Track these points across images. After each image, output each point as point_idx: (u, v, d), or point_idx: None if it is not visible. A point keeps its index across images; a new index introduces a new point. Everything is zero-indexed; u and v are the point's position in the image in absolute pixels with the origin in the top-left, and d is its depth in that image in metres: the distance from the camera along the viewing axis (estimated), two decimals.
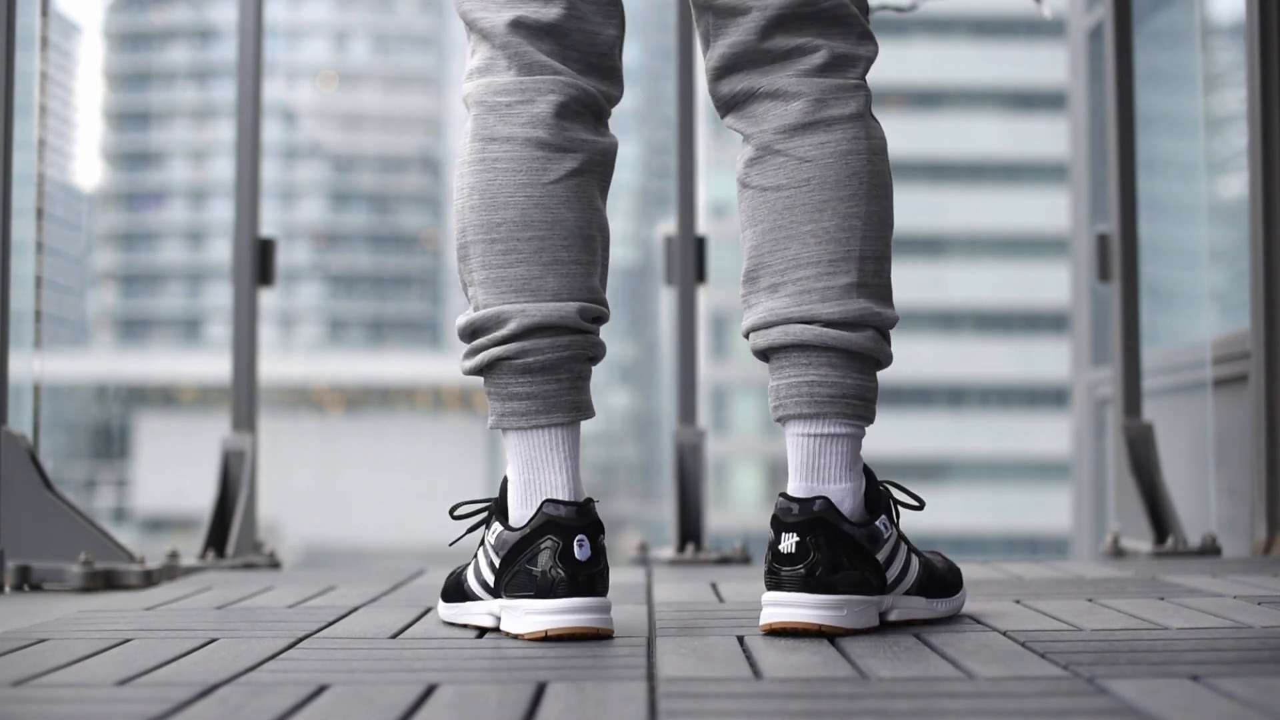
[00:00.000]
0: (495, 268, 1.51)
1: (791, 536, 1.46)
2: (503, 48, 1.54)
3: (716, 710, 1.08)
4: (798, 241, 1.52)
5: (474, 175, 1.53)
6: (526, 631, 1.45)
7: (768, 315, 1.53)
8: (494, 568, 1.52)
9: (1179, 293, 4.27)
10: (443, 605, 1.63)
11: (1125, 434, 2.90)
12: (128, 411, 42.86)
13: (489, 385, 1.53)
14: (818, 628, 1.45)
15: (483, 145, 1.53)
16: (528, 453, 1.51)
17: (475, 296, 1.53)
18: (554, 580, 1.44)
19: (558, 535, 1.45)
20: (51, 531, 2.27)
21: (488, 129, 1.53)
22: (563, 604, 1.44)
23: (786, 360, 1.52)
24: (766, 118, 1.55)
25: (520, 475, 1.52)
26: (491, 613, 1.54)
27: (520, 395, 1.51)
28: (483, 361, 1.52)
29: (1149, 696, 1.10)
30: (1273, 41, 2.77)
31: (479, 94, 1.56)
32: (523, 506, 1.51)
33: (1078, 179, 5.09)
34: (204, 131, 54.19)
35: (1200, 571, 2.15)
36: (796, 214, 1.52)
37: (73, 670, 1.31)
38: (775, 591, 1.47)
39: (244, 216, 2.88)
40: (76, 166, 50.33)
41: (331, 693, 1.17)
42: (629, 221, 52.83)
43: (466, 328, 1.54)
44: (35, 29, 2.56)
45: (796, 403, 1.51)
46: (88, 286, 49.98)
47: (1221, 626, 1.51)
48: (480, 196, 1.52)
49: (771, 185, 1.54)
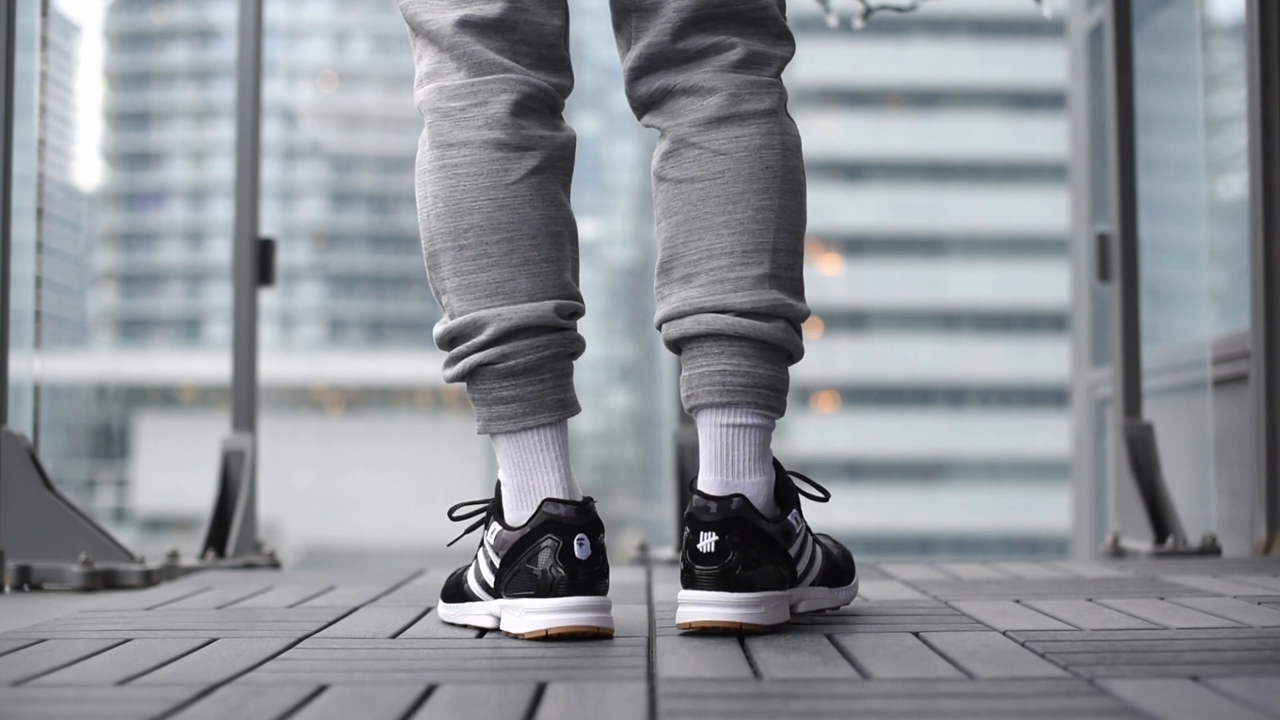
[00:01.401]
0: (467, 274, 1.50)
1: (710, 535, 1.46)
2: (450, 49, 1.53)
3: (716, 710, 1.08)
4: (711, 232, 1.52)
5: (436, 183, 1.52)
6: (527, 631, 1.45)
7: (681, 305, 1.53)
8: (494, 568, 1.52)
9: (1179, 293, 4.27)
10: (443, 606, 1.64)
11: (1125, 434, 2.90)
12: (128, 411, 42.82)
13: (473, 392, 1.52)
14: (738, 626, 1.45)
15: (441, 152, 1.52)
16: (519, 455, 1.51)
17: (450, 304, 1.52)
18: (554, 579, 1.44)
19: (558, 534, 1.45)
20: (51, 531, 2.27)
21: (444, 135, 1.52)
22: (563, 603, 1.44)
23: (699, 350, 1.52)
24: (683, 112, 1.55)
25: (513, 478, 1.52)
26: (491, 613, 1.54)
27: (506, 399, 1.50)
28: (464, 369, 1.51)
29: (1149, 697, 1.10)
30: (1273, 41, 2.77)
31: (432, 100, 1.54)
32: (519, 508, 1.50)
33: (1078, 179, 5.09)
34: (204, 131, 54.16)
35: (1200, 571, 2.15)
36: (710, 205, 1.52)
37: (73, 670, 1.31)
38: (692, 590, 1.47)
39: (244, 216, 2.88)
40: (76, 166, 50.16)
41: (331, 693, 1.17)
42: (629, 221, 52.79)
43: (444, 336, 1.53)
44: (35, 29, 2.56)
45: (709, 391, 1.51)
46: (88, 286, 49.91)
47: (1221, 626, 1.51)
48: (444, 204, 1.51)
49: (686, 178, 1.54)
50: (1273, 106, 2.76)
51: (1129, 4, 3.05)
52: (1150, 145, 3.60)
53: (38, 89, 2.57)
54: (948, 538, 32.75)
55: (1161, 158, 4.20)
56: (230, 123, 3.07)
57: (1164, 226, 4.15)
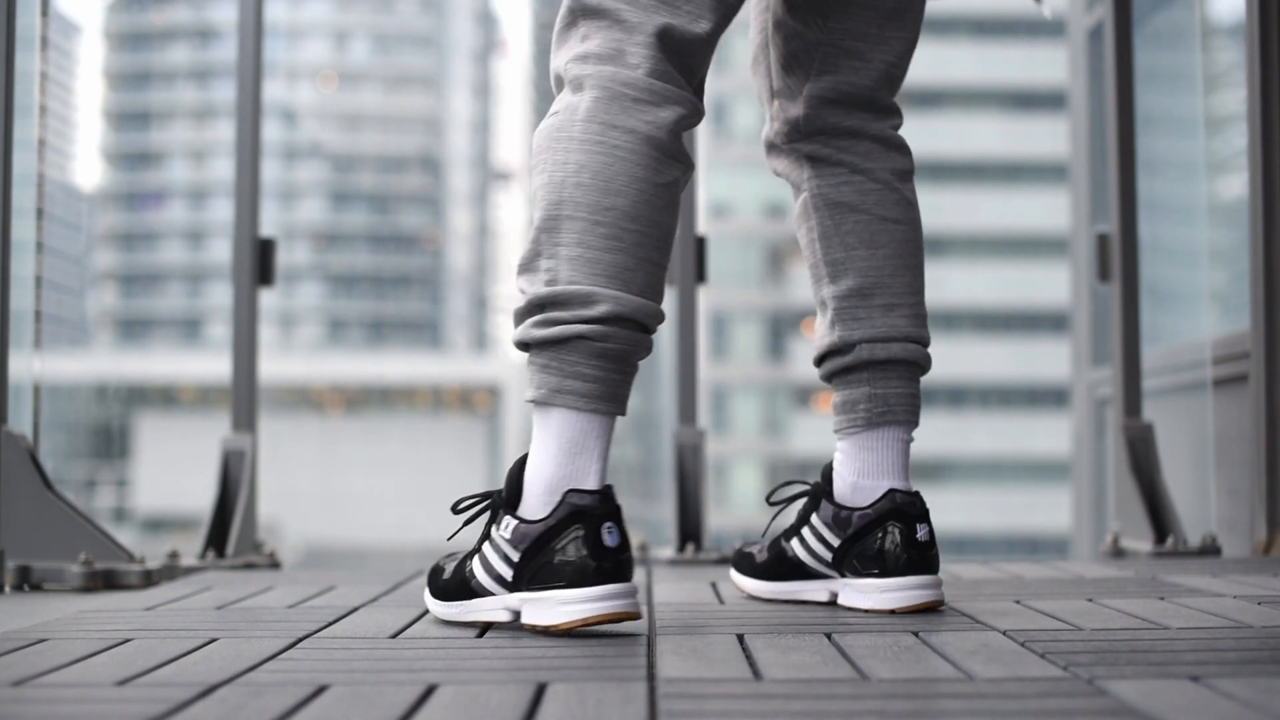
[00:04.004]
0: (592, 248, 1.52)
1: (925, 526, 1.69)
2: (642, 45, 1.57)
3: (716, 710, 1.08)
4: (912, 272, 1.78)
5: (586, 154, 1.54)
6: (561, 623, 1.47)
7: (888, 330, 1.75)
8: (511, 561, 1.52)
9: (1179, 293, 4.27)
10: (440, 604, 1.62)
11: (1125, 434, 2.90)
12: (128, 411, 42.87)
13: (551, 358, 1.52)
14: (942, 604, 1.69)
15: (603, 128, 1.54)
16: (573, 434, 1.51)
17: (556, 269, 1.52)
18: (587, 569, 1.46)
19: (584, 524, 1.47)
20: (51, 531, 2.27)
21: (611, 115, 1.55)
22: (597, 591, 1.46)
23: (894, 373, 1.75)
24: (872, 156, 1.79)
25: (555, 456, 1.51)
26: (508, 607, 1.54)
27: (587, 377, 1.51)
28: (561, 334, 1.51)
29: (1149, 697, 1.10)
30: (1273, 41, 2.77)
31: (603, 79, 1.56)
32: (549, 493, 1.50)
33: (1078, 179, 5.09)
34: (204, 131, 54.20)
35: (1200, 571, 2.15)
36: (910, 248, 1.78)
37: (73, 670, 1.31)
38: (916, 575, 1.67)
39: (244, 216, 2.88)
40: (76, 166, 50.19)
41: (331, 693, 1.17)
42: None
43: (546, 298, 1.52)
44: (35, 29, 2.56)
45: (906, 411, 1.75)
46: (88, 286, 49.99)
47: (1221, 626, 1.51)
48: (592, 176, 1.53)
49: (892, 217, 1.77)
50: (1273, 106, 2.76)
51: (1129, 4, 3.05)
52: (1150, 145, 3.60)
53: (38, 89, 2.57)
54: (948, 538, 32.70)
55: (1161, 158, 4.20)
56: (230, 123, 3.07)
57: (1164, 226, 4.15)
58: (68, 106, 42.30)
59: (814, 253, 1.81)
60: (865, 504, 1.72)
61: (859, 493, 1.74)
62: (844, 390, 1.77)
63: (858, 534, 1.70)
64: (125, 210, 54.72)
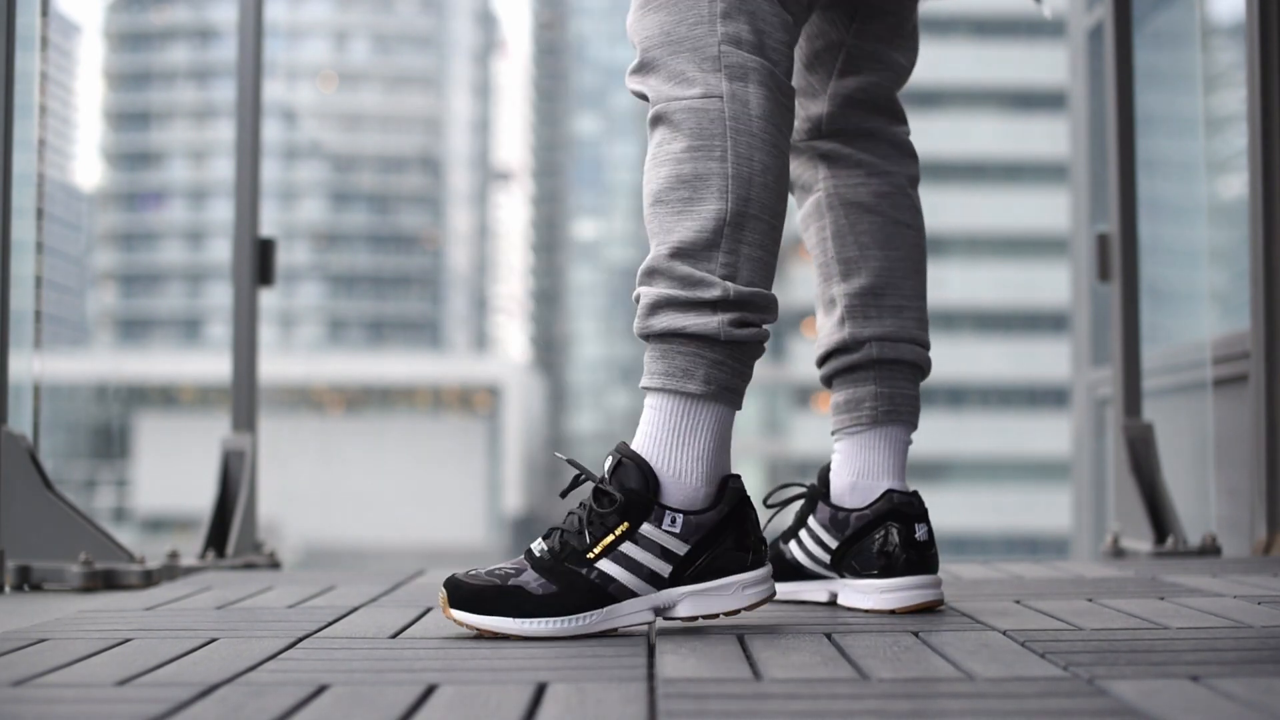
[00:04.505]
0: (769, 252, 1.55)
1: (924, 525, 1.69)
2: (777, 42, 1.58)
3: (716, 710, 1.08)
4: (920, 276, 1.80)
5: (768, 156, 1.55)
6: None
7: (897, 330, 1.77)
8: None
9: (1179, 293, 4.27)
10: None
11: (1125, 434, 2.90)
12: (128, 411, 42.87)
13: (729, 356, 1.52)
14: (943, 603, 1.70)
15: (777, 133, 1.56)
16: (724, 431, 1.54)
17: (740, 269, 1.52)
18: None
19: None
20: (51, 531, 2.27)
21: (778, 118, 1.57)
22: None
23: (900, 373, 1.77)
24: (891, 159, 1.81)
25: (714, 450, 1.53)
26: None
27: (745, 378, 1.55)
28: (753, 336, 1.53)
29: (1149, 697, 1.10)
30: (1273, 41, 2.77)
31: (764, 74, 1.56)
32: (708, 485, 1.52)
33: (1078, 179, 5.09)
34: (204, 131, 54.18)
35: (1200, 571, 2.15)
36: (919, 253, 1.81)
37: (73, 670, 1.31)
38: (916, 575, 1.67)
39: (244, 216, 2.88)
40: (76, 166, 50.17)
41: (331, 693, 1.17)
42: (629, 221, 52.78)
43: (746, 298, 1.52)
44: (35, 29, 2.56)
45: (909, 412, 1.77)
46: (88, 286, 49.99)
47: (1221, 626, 1.51)
48: (776, 180, 1.55)
49: (905, 221, 1.80)
50: (1273, 106, 2.76)
51: (1129, 4, 3.05)
52: (1150, 145, 3.60)
53: (38, 89, 2.57)
54: (947, 538, 32.72)
55: (1161, 158, 4.20)
56: (230, 123, 3.06)
57: (1164, 226, 4.15)
58: (68, 106, 42.32)
59: (825, 251, 1.81)
60: (863, 505, 1.72)
61: (857, 493, 1.73)
62: (848, 389, 1.77)
63: (856, 535, 1.70)
64: (125, 210, 54.72)
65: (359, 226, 55.53)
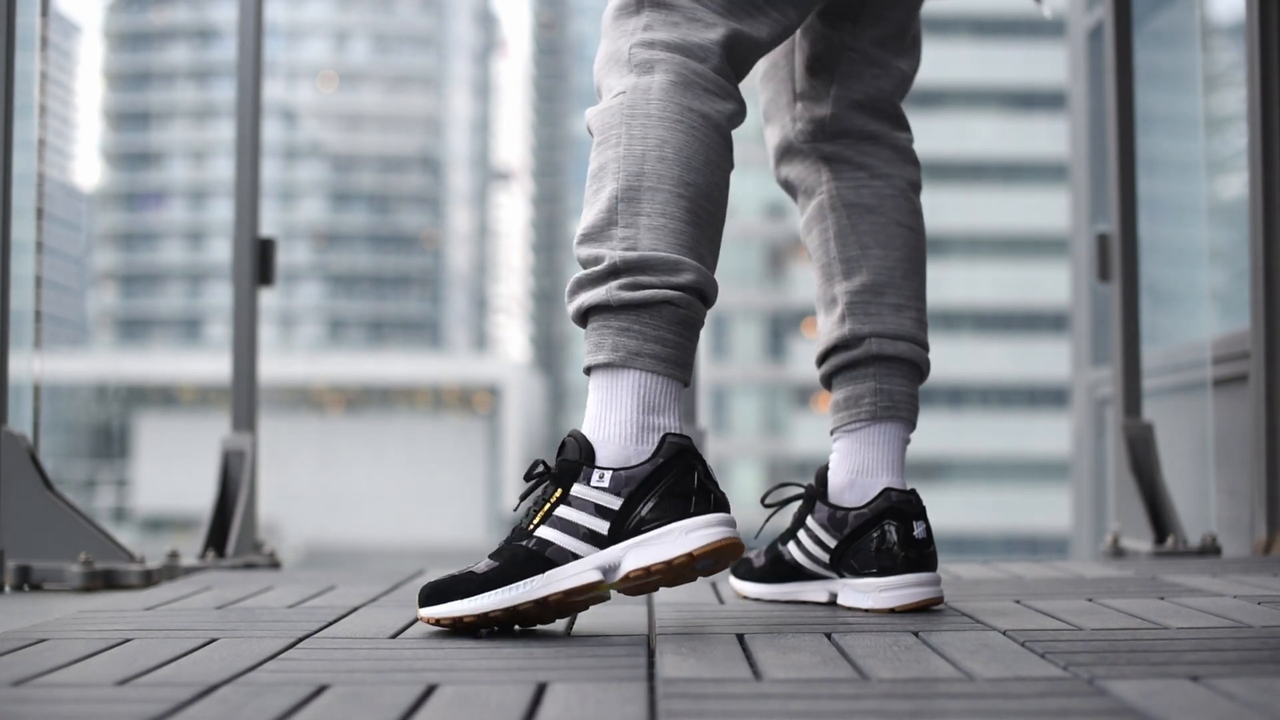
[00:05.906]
0: (674, 218, 1.54)
1: (922, 523, 1.69)
2: (710, 43, 1.60)
3: (716, 710, 1.08)
4: (920, 278, 1.83)
5: (667, 130, 1.56)
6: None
7: (896, 329, 1.79)
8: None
9: (1179, 293, 4.27)
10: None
11: (1125, 434, 2.90)
12: (128, 411, 42.89)
13: (633, 321, 1.52)
14: (942, 600, 1.69)
15: (681, 110, 1.57)
16: (648, 396, 1.53)
17: (634, 237, 1.53)
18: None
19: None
20: (51, 531, 2.27)
21: (686, 99, 1.58)
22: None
23: (899, 371, 1.78)
24: (893, 164, 1.84)
25: (633, 415, 1.52)
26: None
27: (668, 342, 1.53)
28: (649, 298, 1.52)
29: (1149, 697, 1.10)
30: (1273, 41, 2.77)
31: (675, 64, 1.59)
32: (639, 444, 1.51)
33: (1078, 179, 5.09)
34: (204, 131, 54.19)
35: (1200, 571, 2.15)
36: (919, 255, 1.83)
37: (73, 670, 1.31)
38: (915, 573, 1.67)
39: (244, 216, 2.88)
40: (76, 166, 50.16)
41: (331, 693, 1.17)
42: None
43: (633, 262, 1.52)
44: (35, 29, 2.56)
45: (908, 409, 1.78)
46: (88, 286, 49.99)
47: (1221, 626, 1.51)
48: (674, 152, 1.56)
49: (905, 223, 1.82)
50: (1273, 106, 2.76)
51: (1129, 4, 3.05)
52: (1150, 145, 3.60)
53: (38, 89, 2.57)
54: (948, 537, 32.75)
55: (1161, 158, 4.20)
56: (230, 123, 3.07)
57: (1164, 226, 4.15)
58: (68, 106, 42.30)
59: (827, 252, 1.83)
60: (861, 503, 1.72)
61: (855, 490, 1.74)
62: (847, 386, 1.79)
63: (854, 534, 1.70)
64: (125, 210, 54.73)
65: (359, 226, 55.54)
